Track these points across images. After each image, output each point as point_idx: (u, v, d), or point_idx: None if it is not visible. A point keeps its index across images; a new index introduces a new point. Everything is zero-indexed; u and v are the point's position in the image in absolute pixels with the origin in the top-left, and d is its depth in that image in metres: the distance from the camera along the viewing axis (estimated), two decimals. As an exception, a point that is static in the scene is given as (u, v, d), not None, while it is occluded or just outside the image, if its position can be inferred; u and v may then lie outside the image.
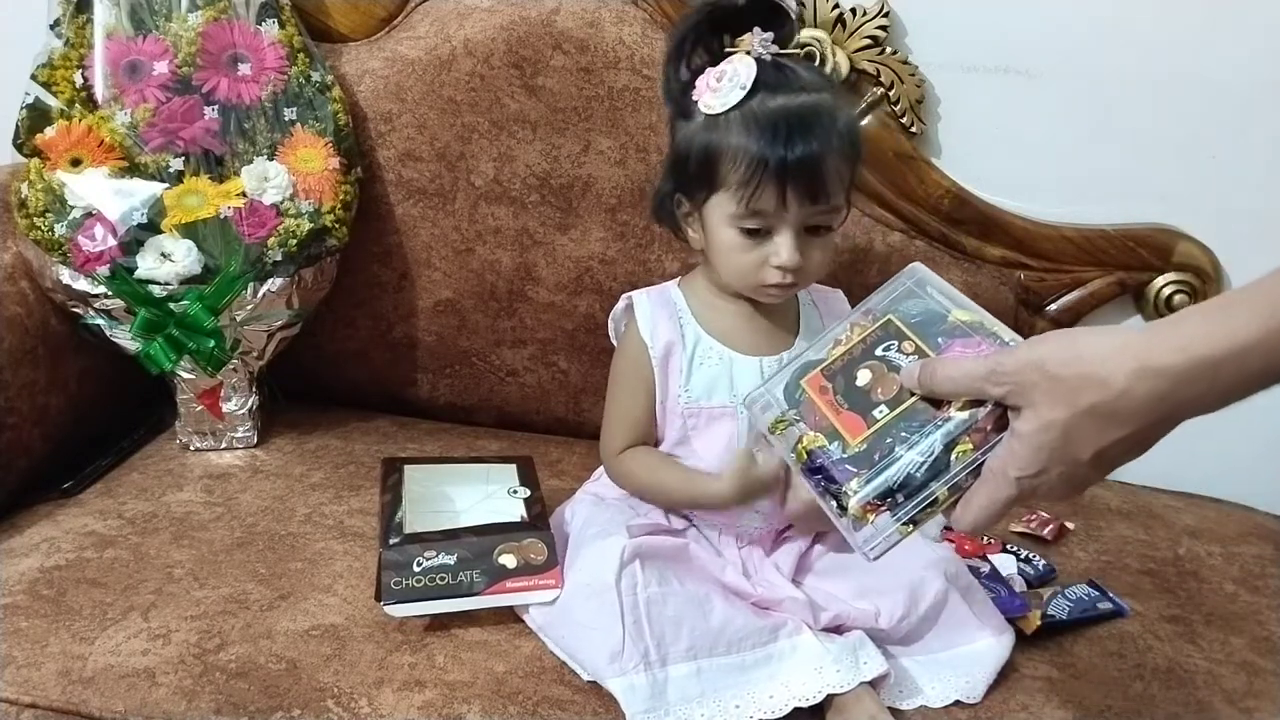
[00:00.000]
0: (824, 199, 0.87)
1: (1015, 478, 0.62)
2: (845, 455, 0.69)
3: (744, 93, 0.86)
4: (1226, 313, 0.57)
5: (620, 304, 1.00)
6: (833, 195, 0.88)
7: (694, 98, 0.90)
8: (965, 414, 0.65)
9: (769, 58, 0.88)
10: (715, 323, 0.96)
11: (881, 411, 0.70)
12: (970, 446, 0.64)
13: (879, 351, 0.73)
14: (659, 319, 0.96)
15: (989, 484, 0.63)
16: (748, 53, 0.88)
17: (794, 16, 0.92)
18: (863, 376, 0.73)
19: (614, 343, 1.02)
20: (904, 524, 0.66)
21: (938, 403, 0.67)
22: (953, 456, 0.65)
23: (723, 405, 0.95)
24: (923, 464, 0.65)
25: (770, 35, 0.88)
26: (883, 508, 0.66)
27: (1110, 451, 0.60)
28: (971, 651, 0.90)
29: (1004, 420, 0.63)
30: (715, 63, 0.90)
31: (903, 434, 0.67)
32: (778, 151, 0.85)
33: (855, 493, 0.67)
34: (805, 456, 0.72)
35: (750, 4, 0.89)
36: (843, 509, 0.68)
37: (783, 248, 0.88)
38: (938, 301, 0.74)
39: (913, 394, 0.69)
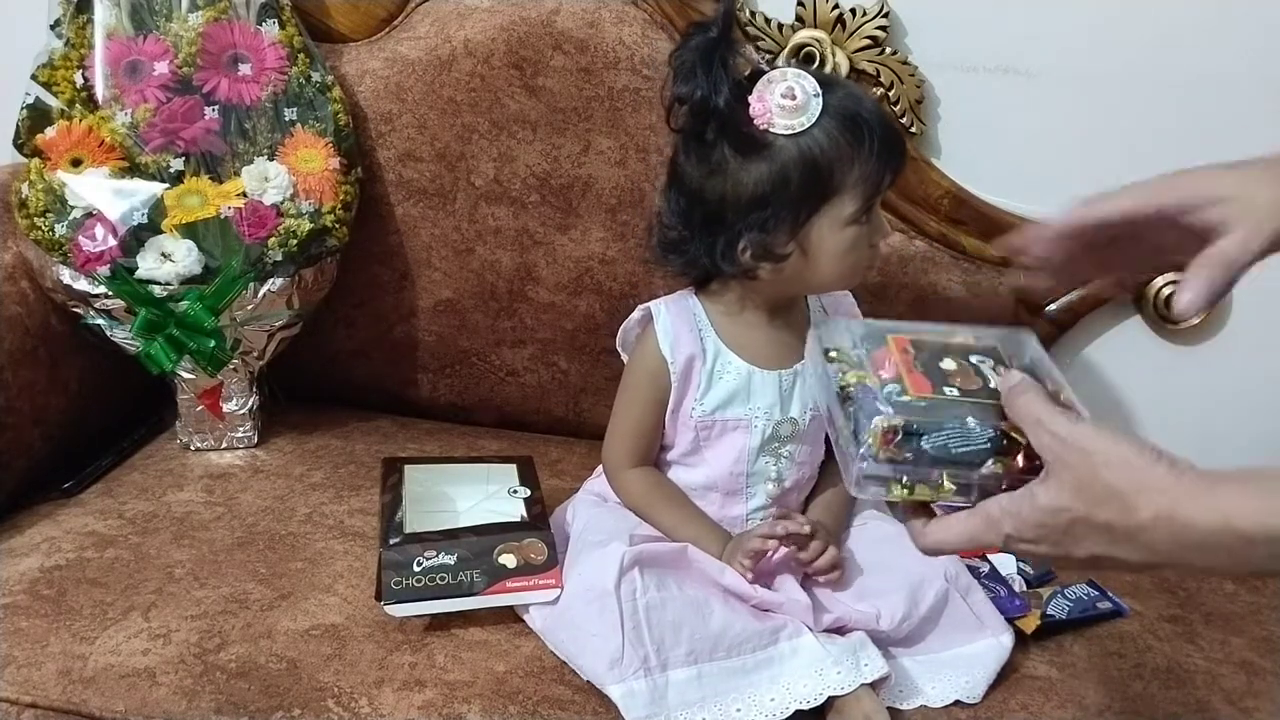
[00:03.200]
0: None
1: (1006, 533, 0.60)
2: (895, 398, 0.64)
3: (820, 101, 0.86)
4: (1272, 491, 0.54)
5: (636, 314, 0.97)
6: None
7: (761, 127, 0.85)
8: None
9: (765, 67, 0.89)
10: (736, 335, 0.95)
11: (953, 392, 0.66)
12: (1010, 466, 0.62)
13: (972, 358, 0.69)
14: (680, 332, 0.94)
15: (978, 523, 0.61)
16: (769, 66, 0.89)
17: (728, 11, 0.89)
18: (948, 364, 0.68)
19: (620, 351, 1.01)
20: (902, 483, 0.62)
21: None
22: (989, 463, 0.62)
23: (737, 418, 0.94)
24: (966, 444, 0.62)
25: (749, 48, 0.89)
26: (897, 446, 0.62)
27: (1106, 562, 0.58)
28: (971, 651, 0.90)
29: (1036, 471, 0.61)
30: (742, 85, 0.86)
31: (966, 414, 0.64)
32: (878, 131, 0.87)
33: (884, 414, 0.62)
34: (847, 387, 0.67)
35: (724, 24, 0.86)
36: (855, 435, 0.63)
37: (884, 222, 0.92)
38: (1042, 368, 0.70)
39: (992, 399, 0.65)
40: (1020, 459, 0.61)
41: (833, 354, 0.70)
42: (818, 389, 0.76)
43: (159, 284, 1.06)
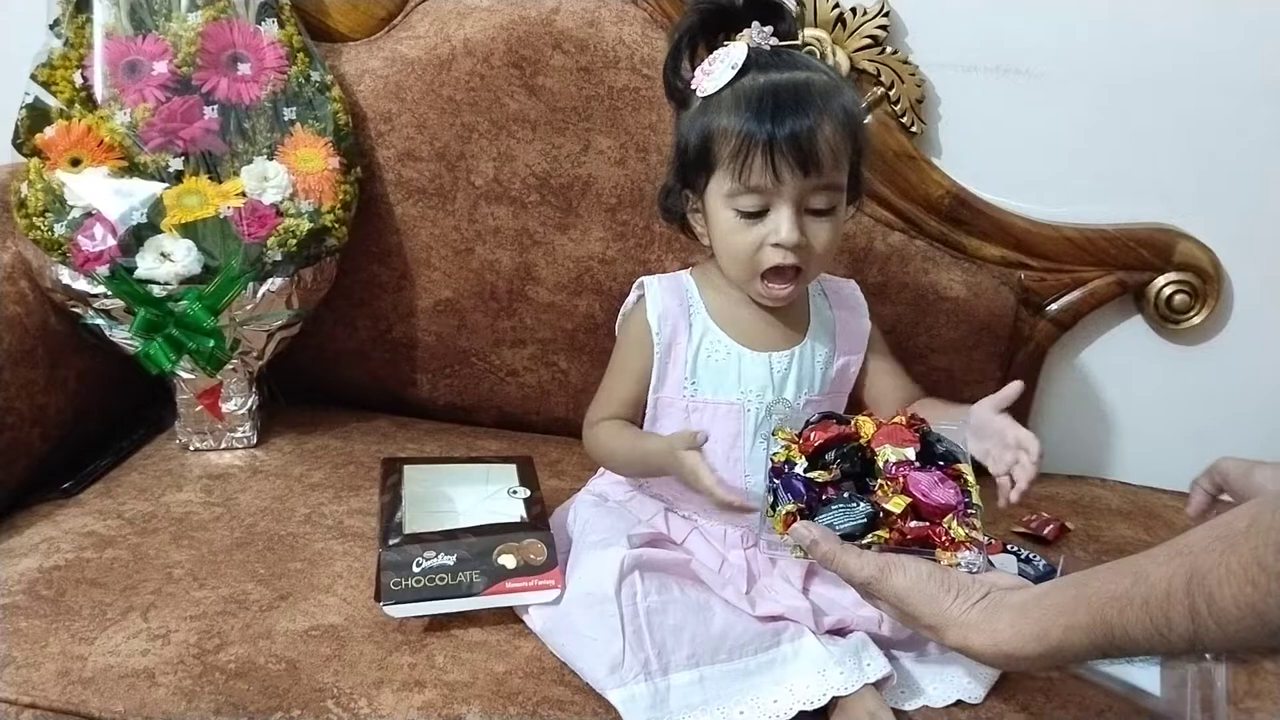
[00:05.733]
0: (816, 172, 0.85)
1: (862, 580, 0.74)
2: (804, 475, 0.79)
3: (734, 71, 0.86)
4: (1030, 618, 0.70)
5: (633, 294, 0.99)
6: (826, 168, 0.85)
7: (692, 87, 0.90)
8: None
9: (767, 47, 0.88)
10: (726, 314, 0.95)
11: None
12: (886, 537, 0.75)
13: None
14: (669, 306, 0.95)
15: (855, 556, 0.74)
16: (747, 43, 0.88)
17: (792, 14, 0.91)
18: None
19: (617, 334, 1.01)
20: (796, 547, 0.76)
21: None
22: (867, 537, 0.75)
23: (729, 401, 0.94)
24: (847, 520, 0.76)
25: (770, 29, 0.88)
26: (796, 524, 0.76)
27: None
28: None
29: (907, 545, 0.75)
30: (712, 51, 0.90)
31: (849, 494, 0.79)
32: (764, 123, 0.84)
33: (786, 506, 0.78)
34: (778, 462, 0.82)
35: (747, 3, 0.89)
36: (773, 509, 0.79)
37: (782, 223, 0.86)
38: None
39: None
40: (896, 533, 0.75)
41: (778, 433, 0.85)
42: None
43: (158, 284, 1.06)
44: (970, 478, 0.79)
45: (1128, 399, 1.26)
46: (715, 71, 0.87)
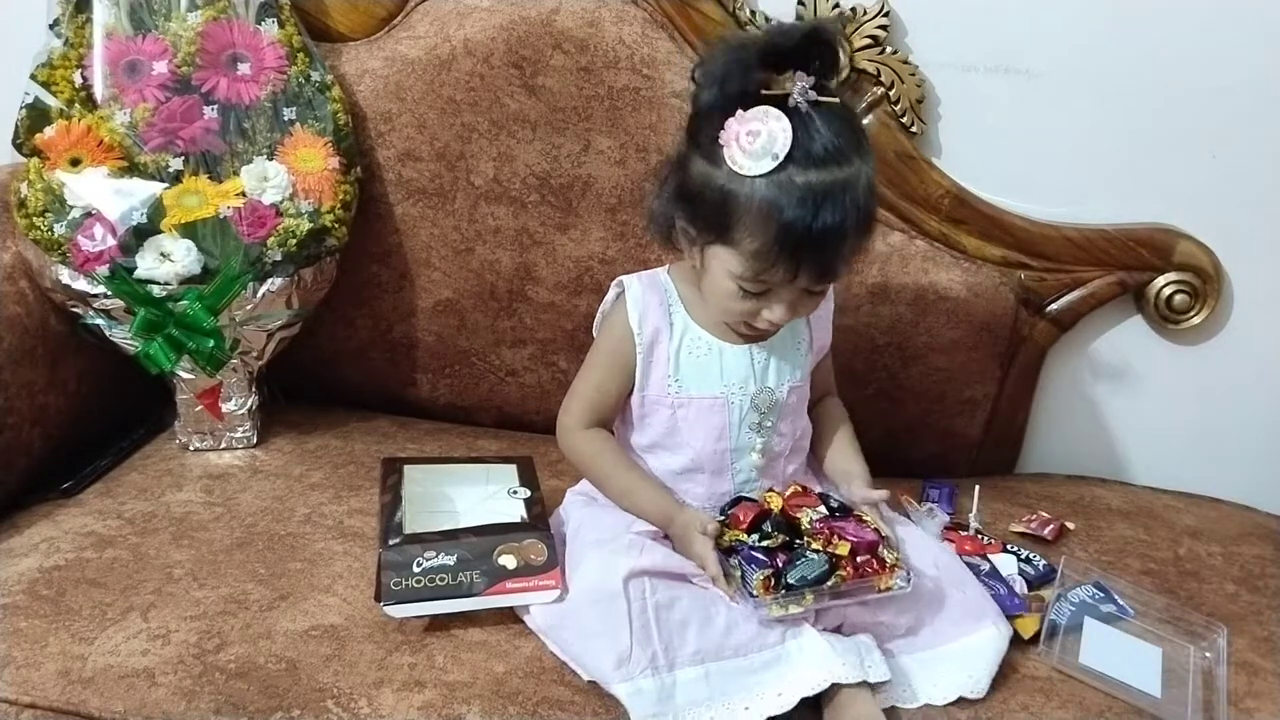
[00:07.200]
0: (831, 277, 0.89)
1: None
2: (757, 546, 0.89)
3: (775, 163, 0.82)
4: None
5: (611, 292, 0.99)
6: (840, 273, 0.89)
7: (721, 144, 0.85)
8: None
9: (805, 108, 0.83)
10: (704, 312, 0.96)
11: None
12: (845, 575, 0.87)
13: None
14: (649, 305, 0.96)
15: None
16: (784, 96, 0.83)
17: (840, 64, 0.89)
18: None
19: (595, 335, 1.01)
20: (780, 603, 0.85)
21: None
22: (830, 580, 0.86)
23: (713, 395, 0.95)
24: (813, 570, 0.86)
25: (811, 80, 0.83)
26: (773, 588, 0.86)
27: None
28: (971, 644, 0.90)
29: (864, 576, 0.87)
30: (749, 98, 0.84)
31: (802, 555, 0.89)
32: (796, 232, 0.82)
33: (758, 571, 0.86)
34: (726, 545, 0.90)
35: (801, 44, 0.84)
36: (745, 583, 0.87)
37: (778, 310, 0.89)
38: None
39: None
40: (850, 569, 0.87)
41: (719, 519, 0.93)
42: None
43: (158, 284, 1.06)
44: (869, 518, 0.92)
45: (1128, 399, 1.26)
46: (755, 154, 0.83)
